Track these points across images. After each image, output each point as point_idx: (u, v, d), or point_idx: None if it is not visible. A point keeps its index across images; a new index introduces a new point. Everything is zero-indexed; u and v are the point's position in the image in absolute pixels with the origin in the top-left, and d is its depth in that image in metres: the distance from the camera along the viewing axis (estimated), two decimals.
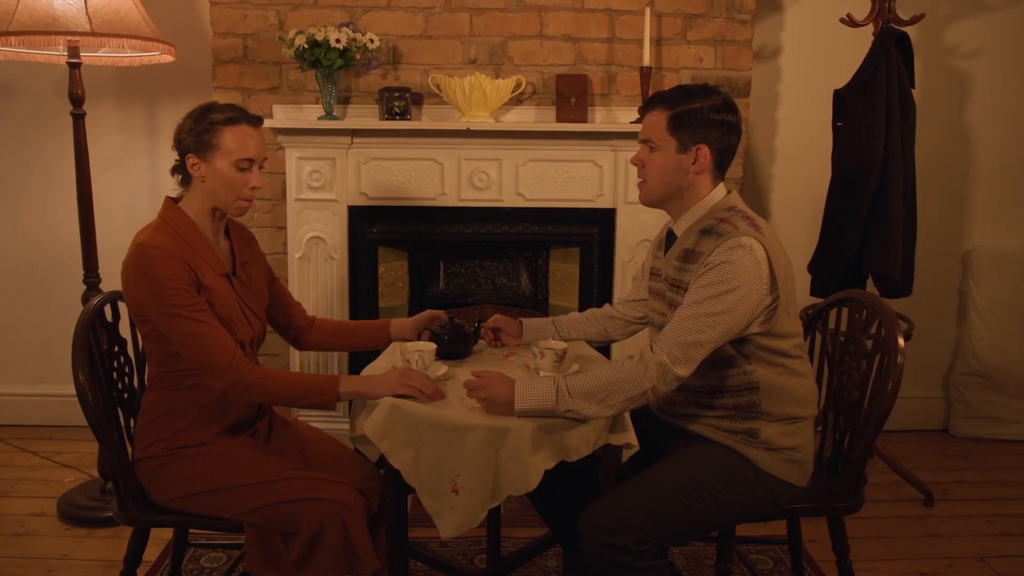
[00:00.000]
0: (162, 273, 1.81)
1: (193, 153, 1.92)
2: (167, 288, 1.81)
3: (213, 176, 1.92)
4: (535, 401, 1.75)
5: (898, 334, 1.92)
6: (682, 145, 1.90)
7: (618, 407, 1.77)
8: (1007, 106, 3.58)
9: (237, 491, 1.86)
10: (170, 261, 1.83)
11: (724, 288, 1.78)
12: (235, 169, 1.92)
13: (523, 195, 3.11)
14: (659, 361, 1.76)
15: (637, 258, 3.12)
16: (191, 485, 1.88)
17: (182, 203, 1.98)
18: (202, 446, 1.92)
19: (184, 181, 1.98)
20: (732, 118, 1.91)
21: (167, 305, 1.81)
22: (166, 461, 1.90)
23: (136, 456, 1.95)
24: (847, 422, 2.08)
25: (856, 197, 2.91)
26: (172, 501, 1.91)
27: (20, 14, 2.48)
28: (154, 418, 1.94)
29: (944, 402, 3.81)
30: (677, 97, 1.92)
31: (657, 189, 1.96)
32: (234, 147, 1.91)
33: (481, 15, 3.16)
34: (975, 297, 3.67)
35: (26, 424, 3.63)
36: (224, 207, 1.96)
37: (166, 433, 1.92)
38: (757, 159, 3.57)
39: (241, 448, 1.96)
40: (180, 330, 1.82)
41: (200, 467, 1.89)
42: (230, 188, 1.93)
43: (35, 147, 3.48)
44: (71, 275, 3.28)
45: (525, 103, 3.22)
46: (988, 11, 3.49)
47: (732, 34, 3.20)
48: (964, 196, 3.68)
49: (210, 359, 1.82)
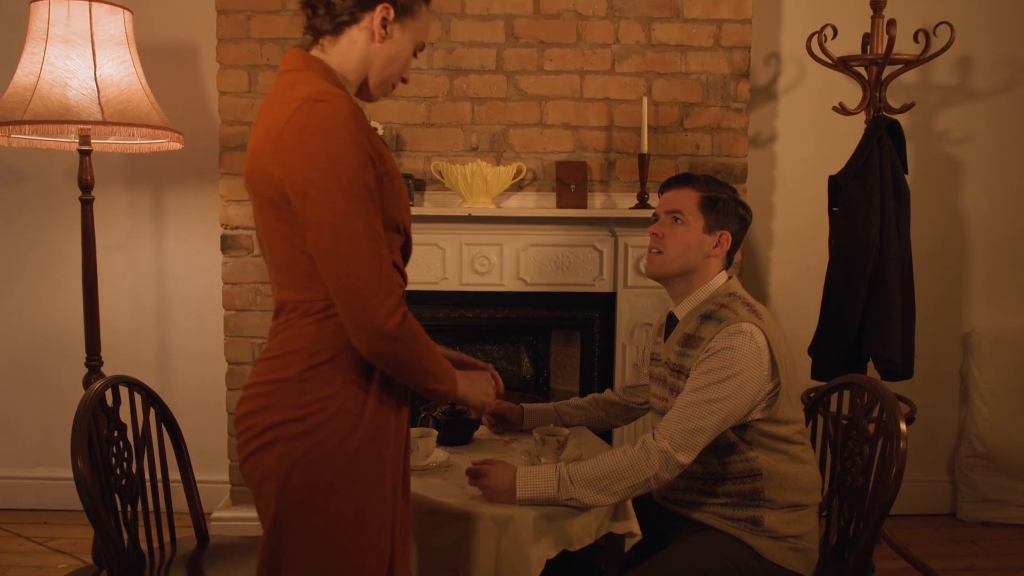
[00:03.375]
0: (355, 134, 1.37)
1: (393, 6, 1.50)
2: (354, 160, 1.36)
3: (396, 44, 1.53)
4: (537, 489, 1.74)
5: (900, 418, 1.92)
6: (709, 226, 1.95)
7: (620, 495, 1.76)
8: (999, 189, 3.64)
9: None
10: (361, 125, 1.40)
11: (725, 374, 1.79)
12: (413, 49, 1.58)
13: (524, 279, 3.14)
14: (661, 448, 1.75)
15: (637, 341, 3.13)
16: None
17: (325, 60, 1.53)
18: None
19: (333, 29, 1.51)
20: (749, 217, 1.99)
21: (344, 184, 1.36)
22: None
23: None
24: (852, 509, 2.05)
25: (854, 281, 2.94)
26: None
27: (35, 104, 2.55)
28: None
29: (951, 486, 3.77)
30: (708, 182, 2.00)
31: (675, 262, 1.98)
32: (425, 26, 1.58)
33: (482, 104, 3.25)
34: (977, 379, 3.66)
35: (20, 508, 3.59)
36: (374, 86, 1.56)
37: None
38: (755, 243, 3.62)
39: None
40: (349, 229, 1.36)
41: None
42: (399, 66, 1.56)
43: (42, 230, 3.53)
44: (72, 357, 3.29)
45: (526, 189, 3.27)
46: (975, 99, 3.58)
47: (728, 122, 3.28)
48: (961, 278, 3.71)
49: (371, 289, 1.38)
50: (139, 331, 3.57)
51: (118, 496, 2.01)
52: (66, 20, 2.61)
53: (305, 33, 1.54)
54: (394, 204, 1.48)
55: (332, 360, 1.45)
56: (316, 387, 1.44)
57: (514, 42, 3.22)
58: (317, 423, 1.42)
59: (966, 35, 3.34)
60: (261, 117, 1.46)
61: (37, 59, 2.61)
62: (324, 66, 1.49)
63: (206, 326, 3.51)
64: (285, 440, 1.43)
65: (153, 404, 2.20)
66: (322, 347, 1.45)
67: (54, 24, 2.60)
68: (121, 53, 2.71)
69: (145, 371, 3.45)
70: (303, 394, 1.43)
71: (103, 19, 2.67)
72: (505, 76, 3.23)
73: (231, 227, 3.24)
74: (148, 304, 3.57)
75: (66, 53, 2.60)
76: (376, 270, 1.37)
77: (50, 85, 2.58)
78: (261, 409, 1.46)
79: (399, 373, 1.46)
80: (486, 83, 3.22)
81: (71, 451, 1.82)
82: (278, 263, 1.49)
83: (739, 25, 3.23)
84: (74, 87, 2.59)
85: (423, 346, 1.45)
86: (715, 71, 3.25)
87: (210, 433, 3.44)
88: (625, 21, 3.22)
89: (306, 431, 1.42)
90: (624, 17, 3.22)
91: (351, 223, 1.35)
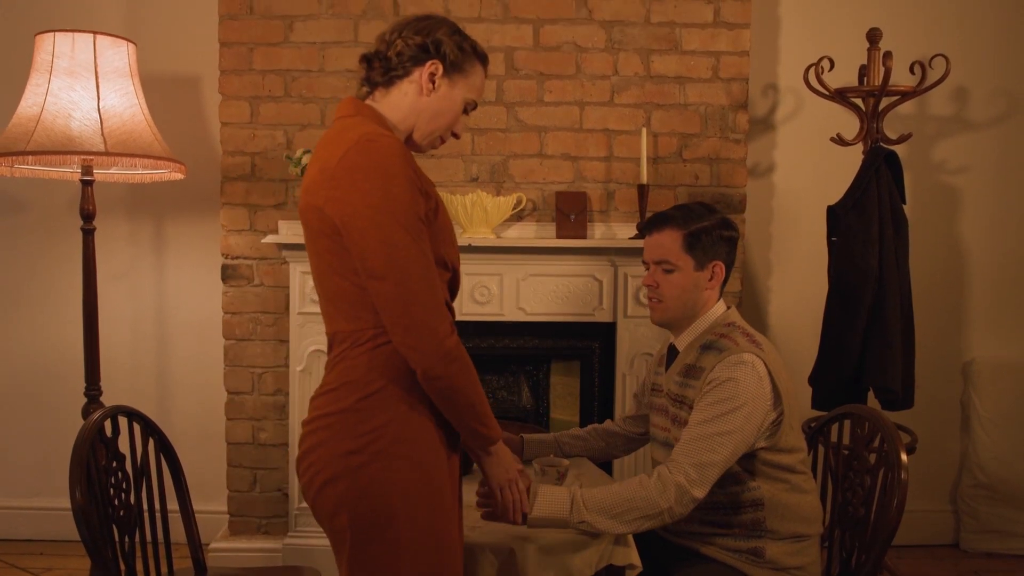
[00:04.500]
0: (405, 169, 1.45)
1: (443, 62, 1.59)
2: (405, 194, 1.44)
3: (444, 99, 1.61)
4: (549, 510, 1.72)
5: (901, 448, 1.91)
6: (698, 263, 1.94)
7: (633, 526, 1.74)
8: (997, 218, 3.66)
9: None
10: (410, 163, 1.48)
11: (731, 406, 1.78)
12: (463, 105, 1.65)
13: (524, 309, 3.15)
14: (677, 482, 1.74)
15: (637, 371, 3.13)
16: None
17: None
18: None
19: (386, 81, 1.61)
20: (735, 234, 1.98)
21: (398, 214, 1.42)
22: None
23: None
24: (853, 539, 2.04)
25: (853, 310, 2.95)
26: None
27: (38, 135, 2.57)
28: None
29: (953, 516, 3.74)
30: (686, 216, 1.96)
31: (676, 309, 1.98)
32: (477, 85, 1.65)
33: (483, 135, 3.27)
34: (978, 408, 3.65)
35: (17, 539, 3.56)
36: (420, 137, 1.64)
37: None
38: (754, 273, 3.63)
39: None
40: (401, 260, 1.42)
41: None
42: (447, 121, 1.63)
43: (43, 259, 3.54)
44: (71, 386, 3.28)
45: (526, 219, 3.29)
46: (972, 130, 3.61)
47: (727, 152, 3.30)
48: (961, 307, 3.71)
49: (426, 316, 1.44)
50: (139, 360, 3.57)
51: (116, 527, 2.00)
52: (71, 52, 2.64)
53: (361, 86, 1.65)
54: (443, 240, 1.56)
55: (384, 389, 1.49)
56: (370, 416, 1.48)
57: (514, 74, 3.25)
58: (375, 452, 1.46)
59: (962, 67, 3.37)
60: (316, 157, 1.54)
61: (41, 90, 2.63)
62: (375, 112, 1.59)
63: (206, 356, 3.51)
64: (350, 472, 1.46)
65: (152, 434, 2.20)
66: (375, 376, 1.49)
67: (59, 56, 2.63)
68: (124, 84, 2.74)
69: (144, 400, 3.44)
70: (359, 424, 1.47)
71: (107, 51, 2.69)
72: (505, 107, 3.26)
73: (232, 257, 3.25)
74: (148, 333, 3.57)
75: (70, 85, 2.63)
76: (432, 292, 1.44)
77: (53, 116, 2.60)
78: (323, 443, 1.50)
79: (448, 404, 1.50)
80: (486, 114, 3.24)
81: (69, 482, 1.81)
82: (329, 295, 1.54)
83: (737, 57, 3.26)
84: (77, 118, 2.61)
85: (473, 379, 1.50)
86: (713, 102, 3.28)
87: (209, 463, 3.43)
88: (624, 53, 3.25)
89: (367, 461, 1.46)
90: (623, 49, 3.25)
91: (406, 248, 1.42)
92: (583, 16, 3.23)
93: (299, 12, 3.20)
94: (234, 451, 3.31)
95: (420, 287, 1.42)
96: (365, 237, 1.42)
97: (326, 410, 1.51)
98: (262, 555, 3.23)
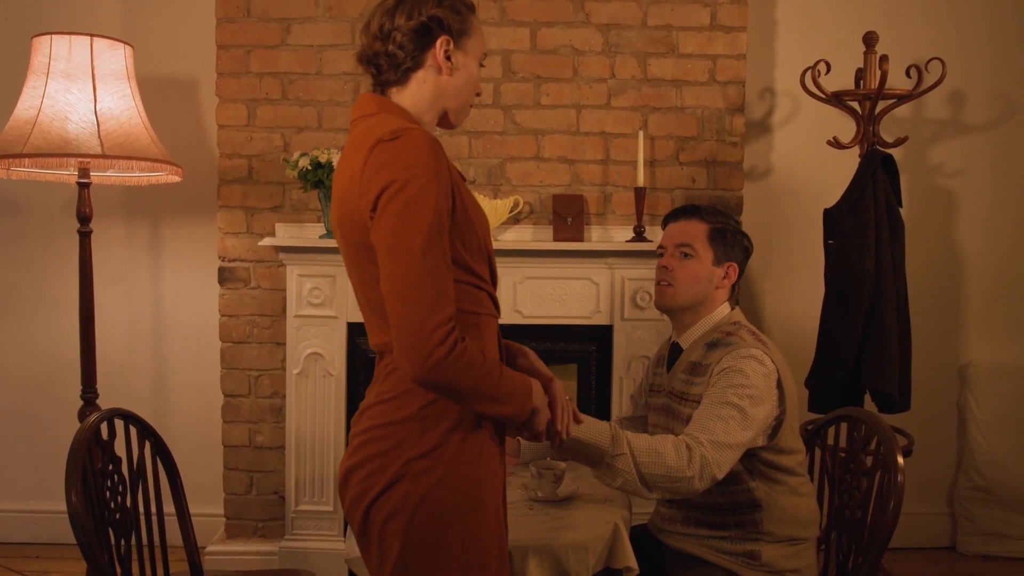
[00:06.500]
0: (434, 165, 1.38)
1: (450, 35, 1.51)
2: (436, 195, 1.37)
3: (463, 68, 1.54)
4: (590, 434, 1.68)
5: (897, 451, 1.91)
6: (717, 258, 1.97)
7: (653, 481, 1.71)
8: (993, 221, 3.67)
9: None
10: (440, 157, 1.41)
11: (743, 392, 1.78)
12: (478, 65, 1.58)
13: (520, 312, 3.15)
14: (702, 455, 1.72)
15: (634, 373, 3.13)
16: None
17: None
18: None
19: (400, 77, 1.53)
20: (750, 246, 2.01)
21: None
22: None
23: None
24: (850, 542, 2.04)
25: (850, 314, 2.95)
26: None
27: (35, 137, 2.57)
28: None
29: (950, 519, 3.75)
30: (714, 213, 2.01)
31: (687, 295, 1.98)
32: (480, 39, 1.57)
33: (480, 138, 3.27)
34: (974, 411, 3.66)
35: (12, 542, 3.55)
36: (454, 114, 1.58)
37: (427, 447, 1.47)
38: (751, 276, 3.63)
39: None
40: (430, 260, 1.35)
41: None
42: (472, 87, 1.57)
43: (40, 262, 3.53)
44: (67, 389, 3.28)
45: (523, 222, 3.29)
46: (968, 133, 3.62)
47: (723, 156, 3.30)
48: (957, 310, 3.72)
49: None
50: (135, 363, 3.57)
51: (112, 530, 1.99)
52: (67, 55, 2.63)
53: (374, 90, 1.56)
54: (481, 226, 1.51)
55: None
56: (436, 422, 1.45)
57: (511, 77, 3.25)
58: (440, 457, 1.44)
59: (958, 70, 3.38)
60: (343, 164, 1.48)
61: (38, 93, 2.63)
62: (397, 106, 1.51)
63: (202, 358, 3.50)
64: (411, 477, 1.43)
65: (148, 437, 2.19)
66: None
67: (55, 59, 2.63)
68: (121, 87, 2.74)
69: (140, 403, 3.44)
70: (425, 431, 1.44)
71: (104, 54, 2.69)
72: (502, 110, 3.26)
73: (228, 259, 3.25)
74: (145, 336, 3.57)
75: (67, 87, 2.63)
76: (426, 297, 1.34)
77: (50, 119, 2.60)
78: (385, 451, 1.45)
79: (460, 401, 1.44)
80: (483, 117, 3.25)
81: (65, 485, 1.80)
82: (371, 306, 1.50)
83: (733, 60, 3.27)
84: (74, 121, 2.61)
85: (481, 374, 1.40)
86: (710, 105, 3.28)
87: (205, 466, 3.42)
88: (621, 56, 3.26)
89: (431, 466, 1.43)
90: (620, 52, 3.25)
91: (409, 245, 1.34)
92: (580, 19, 3.24)
93: (296, 15, 3.20)
94: (230, 454, 3.30)
95: (415, 290, 1.34)
96: (378, 231, 1.37)
97: (387, 419, 1.46)
98: (258, 558, 3.23)
